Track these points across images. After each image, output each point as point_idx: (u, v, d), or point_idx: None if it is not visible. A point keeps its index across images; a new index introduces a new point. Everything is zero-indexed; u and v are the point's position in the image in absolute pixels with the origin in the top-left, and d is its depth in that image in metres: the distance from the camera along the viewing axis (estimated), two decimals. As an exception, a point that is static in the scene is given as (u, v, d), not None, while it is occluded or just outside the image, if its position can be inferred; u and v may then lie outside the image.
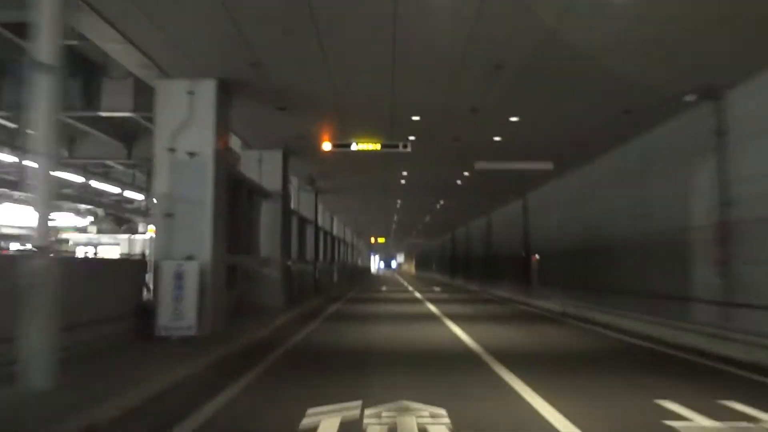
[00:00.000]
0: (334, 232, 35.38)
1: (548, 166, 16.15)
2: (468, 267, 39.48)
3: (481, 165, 16.25)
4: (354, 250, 51.97)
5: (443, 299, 22.90)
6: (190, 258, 8.91)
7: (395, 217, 36.66)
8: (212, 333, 8.99)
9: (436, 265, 62.26)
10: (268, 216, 14.65)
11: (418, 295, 25.96)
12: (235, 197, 12.39)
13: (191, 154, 9.11)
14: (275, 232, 14.67)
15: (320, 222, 27.56)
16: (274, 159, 14.83)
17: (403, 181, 20.51)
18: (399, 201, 27.48)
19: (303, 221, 21.72)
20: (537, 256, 21.82)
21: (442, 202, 27.36)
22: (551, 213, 20.52)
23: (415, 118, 11.81)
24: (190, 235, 9.07)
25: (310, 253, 22.63)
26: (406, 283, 42.52)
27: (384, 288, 33.98)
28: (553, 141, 13.98)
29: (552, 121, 11.97)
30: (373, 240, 60.91)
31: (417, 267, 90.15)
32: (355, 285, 36.29)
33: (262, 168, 14.74)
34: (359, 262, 61.62)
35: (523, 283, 23.48)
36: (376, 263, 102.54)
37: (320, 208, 27.81)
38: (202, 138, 9.18)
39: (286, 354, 8.60)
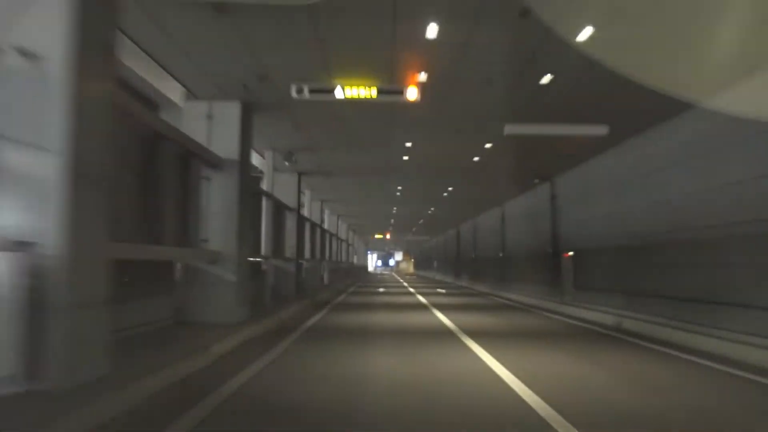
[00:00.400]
0: (325, 225, 31.26)
1: (602, 130, 12.06)
2: (475, 266, 35.37)
3: (512, 129, 12.12)
4: (349, 247, 47.86)
5: (453, 305, 18.78)
6: (21, 246, 4.78)
7: (394, 210, 32.54)
8: (71, 384, 4.84)
9: (438, 263, 58.14)
10: (220, 194, 10.50)
11: (421, 299, 21.85)
12: (156, 158, 8.24)
13: (26, 56, 4.94)
14: (230, 216, 10.52)
15: (307, 212, 23.45)
16: (228, 114, 10.65)
17: (405, 158, 16.38)
18: (400, 187, 23.33)
19: (280, 208, 17.59)
20: (570, 254, 17.69)
21: (450, 188, 23.22)
22: (593, 199, 16.38)
23: (431, 31, 7.62)
24: (25, 203, 4.92)
25: (292, 249, 18.50)
26: (406, 284, 38.39)
27: (381, 289, 29.86)
28: (626, 83, 9.81)
29: (641, 34, 7.73)
30: (370, 236, 56.80)
31: (417, 266, 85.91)
32: (349, 286, 32.19)
33: (213, 127, 10.59)
34: (355, 260, 57.51)
35: (550, 285, 19.38)
36: (373, 262, 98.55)
37: (308, 195, 23.70)
38: (46, 27, 5.01)
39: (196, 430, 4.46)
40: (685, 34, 7.15)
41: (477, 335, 10.38)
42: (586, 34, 7.44)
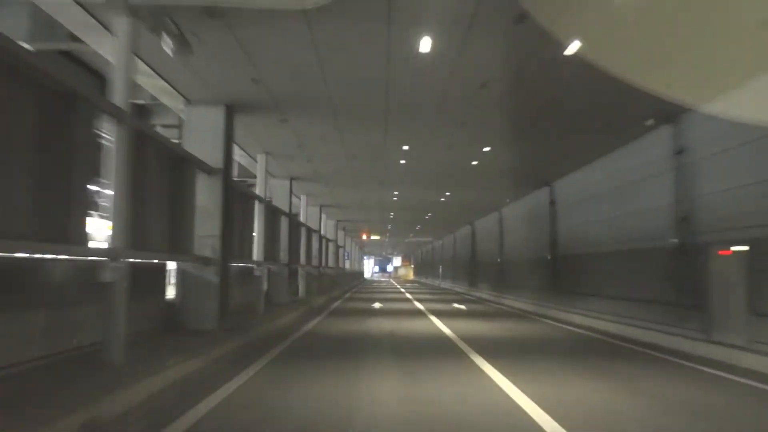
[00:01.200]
0: (302, 218, 23.08)
1: None
2: (501, 272, 27.04)
3: None
4: (339, 249, 39.58)
5: (505, 342, 10.54)
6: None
7: (395, 196, 24.32)
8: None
9: (445, 268, 49.76)
10: None
11: (441, 326, 13.51)
12: None
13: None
14: None
15: (260, 190, 15.19)
16: None
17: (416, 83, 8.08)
18: (406, 148, 14.99)
19: (183, 162, 9.28)
20: (738, 249, 9.35)
21: (486, 149, 14.81)
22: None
23: None
24: None
25: (212, 242, 10.23)
26: (409, 296, 29.99)
27: (377, 305, 21.41)
28: None
29: None
30: (365, 237, 48.50)
31: (417, 271, 77.42)
32: (333, 300, 23.86)
33: None
34: (347, 265, 49.25)
35: (676, 307, 11.07)
36: (370, 267, 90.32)
37: (261, 162, 15.43)
38: None
39: None
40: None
41: None
42: None
